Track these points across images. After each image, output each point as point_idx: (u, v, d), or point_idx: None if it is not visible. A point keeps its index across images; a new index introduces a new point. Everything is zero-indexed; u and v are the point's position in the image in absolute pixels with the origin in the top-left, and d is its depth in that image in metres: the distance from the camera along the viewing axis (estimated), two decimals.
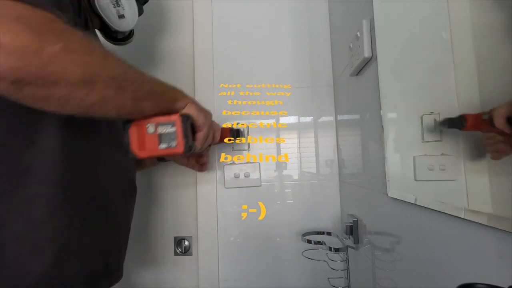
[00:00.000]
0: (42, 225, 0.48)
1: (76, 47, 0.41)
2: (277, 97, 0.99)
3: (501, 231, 0.31)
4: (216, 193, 0.98)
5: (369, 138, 0.67)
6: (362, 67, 0.68)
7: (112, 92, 0.46)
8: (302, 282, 0.94)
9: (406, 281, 0.53)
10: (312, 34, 1.00)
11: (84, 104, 0.43)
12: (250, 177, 0.98)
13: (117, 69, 0.47)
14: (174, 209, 1.02)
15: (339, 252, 0.79)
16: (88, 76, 0.42)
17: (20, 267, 0.47)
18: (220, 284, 0.96)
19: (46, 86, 0.39)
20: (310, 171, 0.98)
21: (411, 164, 0.50)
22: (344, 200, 0.94)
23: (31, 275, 0.47)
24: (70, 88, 0.40)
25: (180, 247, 1.01)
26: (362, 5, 0.67)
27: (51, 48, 0.37)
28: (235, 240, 0.97)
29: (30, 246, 0.48)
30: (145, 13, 0.77)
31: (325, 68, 0.99)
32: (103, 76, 0.44)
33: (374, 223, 0.68)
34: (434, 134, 0.44)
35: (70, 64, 0.40)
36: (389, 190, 0.56)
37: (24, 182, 0.48)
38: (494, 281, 0.24)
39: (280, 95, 0.99)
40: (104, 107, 0.46)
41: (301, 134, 0.99)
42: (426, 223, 0.46)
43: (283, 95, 0.99)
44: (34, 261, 0.48)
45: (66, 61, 0.39)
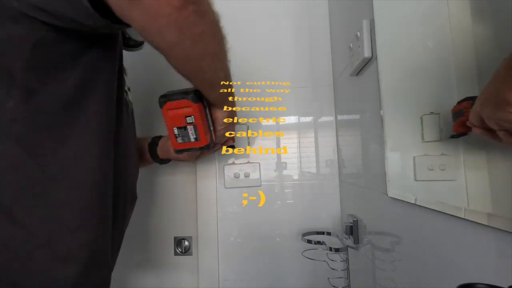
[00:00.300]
0: (75, 232, 0.48)
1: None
2: (277, 95, 0.99)
3: (501, 231, 0.31)
4: (216, 193, 0.98)
5: (369, 138, 0.67)
6: (362, 67, 0.68)
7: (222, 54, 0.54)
8: (302, 282, 0.94)
9: (406, 281, 0.53)
10: (312, 34, 1.00)
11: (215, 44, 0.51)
12: (250, 177, 0.98)
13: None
14: (174, 209, 1.02)
15: (339, 252, 0.79)
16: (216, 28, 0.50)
17: (49, 274, 0.46)
18: (220, 284, 0.96)
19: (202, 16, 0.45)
20: (310, 171, 0.98)
21: (411, 164, 0.50)
22: (344, 200, 0.94)
23: (61, 282, 0.47)
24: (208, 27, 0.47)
25: (180, 247, 1.01)
26: (362, 5, 0.67)
27: None
28: (235, 240, 0.97)
29: (60, 253, 0.47)
30: None
31: (325, 68, 0.99)
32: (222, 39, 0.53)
33: (374, 223, 0.68)
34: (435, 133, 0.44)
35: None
36: (389, 190, 0.56)
37: (56, 186, 0.47)
38: (494, 281, 0.24)
39: (280, 93, 0.99)
40: (211, 59, 0.52)
41: (301, 134, 0.99)
42: (426, 223, 0.46)
43: (282, 94, 0.99)
44: (64, 268, 0.47)
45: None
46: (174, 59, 0.48)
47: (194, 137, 0.61)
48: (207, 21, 0.46)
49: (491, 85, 0.31)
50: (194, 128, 0.60)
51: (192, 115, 0.59)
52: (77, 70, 0.48)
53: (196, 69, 0.51)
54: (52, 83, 0.46)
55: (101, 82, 0.51)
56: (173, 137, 0.61)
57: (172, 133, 0.61)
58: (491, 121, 0.31)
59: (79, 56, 0.48)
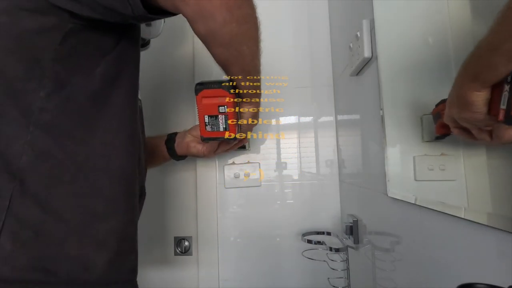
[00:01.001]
0: (104, 219, 0.49)
1: None
2: (277, 95, 0.99)
3: (501, 231, 0.31)
4: (216, 193, 0.98)
5: (369, 138, 0.67)
6: (362, 67, 0.68)
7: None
8: (302, 282, 0.94)
9: (406, 281, 0.53)
10: (312, 34, 1.00)
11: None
12: (250, 177, 0.98)
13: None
14: (174, 209, 1.02)
15: (339, 252, 0.79)
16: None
17: (81, 260, 0.47)
18: (220, 284, 0.96)
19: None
20: (310, 171, 0.98)
21: (411, 164, 0.50)
22: (344, 200, 0.94)
23: (94, 268, 0.48)
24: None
25: (180, 247, 1.01)
26: (362, 5, 0.67)
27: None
28: (235, 240, 0.97)
29: (91, 239, 0.48)
30: None
31: (325, 68, 0.99)
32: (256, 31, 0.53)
33: (374, 223, 0.68)
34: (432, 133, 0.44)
35: None
36: (389, 190, 0.56)
37: (85, 174, 0.48)
38: (494, 281, 0.24)
39: (279, 93, 0.99)
40: (246, 46, 0.53)
41: (301, 134, 0.99)
42: (426, 223, 0.46)
43: (282, 94, 0.99)
44: (95, 254, 0.48)
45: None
46: (219, 42, 0.49)
47: (224, 127, 0.63)
48: (250, 4, 0.49)
49: (453, 87, 0.33)
50: (225, 117, 0.62)
51: (225, 105, 0.61)
52: (104, 63, 0.49)
53: (237, 53, 0.52)
54: (80, 75, 0.48)
55: (125, 76, 0.53)
56: (203, 124, 0.63)
57: (202, 121, 0.63)
58: (462, 121, 0.32)
59: (106, 49, 0.50)
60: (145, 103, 0.75)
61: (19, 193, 0.44)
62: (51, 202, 0.46)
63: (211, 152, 0.80)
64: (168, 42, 1.05)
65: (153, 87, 1.02)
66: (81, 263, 0.47)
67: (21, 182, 0.44)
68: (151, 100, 0.97)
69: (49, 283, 0.44)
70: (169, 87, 1.05)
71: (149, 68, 1.03)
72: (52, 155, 0.46)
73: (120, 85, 0.51)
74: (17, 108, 0.45)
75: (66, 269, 0.46)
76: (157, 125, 1.00)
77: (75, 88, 0.47)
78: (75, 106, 0.48)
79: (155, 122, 1.01)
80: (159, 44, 1.06)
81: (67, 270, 0.46)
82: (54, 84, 0.46)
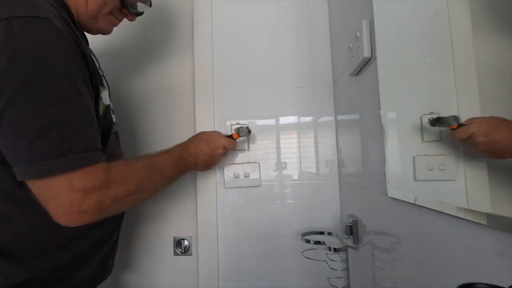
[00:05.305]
0: (112, 234, 0.72)
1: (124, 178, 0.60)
2: (277, 95, 0.99)
3: (500, 231, 0.31)
4: (216, 193, 0.98)
5: (369, 138, 0.67)
6: (361, 67, 0.68)
7: (151, 188, 0.67)
8: (302, 282, 0.94)
9: (406, 281, 0.53)
10: (312, 34, 1.00)
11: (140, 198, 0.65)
12: (250, 177, 0.98)
13: (148, 174, 0.65)
14: (174, 209, 1.02)
15: (338, 252, 0.79)
16: (137, 188, 0.62)
17: (97, 267, 0.69)
18: (219, 284, 0.96)
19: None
20: (310, 171, 0.98)
21: (410, 164, 0.50)
22: (344, 200, 0.94)
23: (107, 273, 0.73)
24: (129, 198, 0.61)
25: (180, 247, 1.01)
26: (362, 5, 0.67)
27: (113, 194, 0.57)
28: (235, 240, 0.97)
29: (107, 251, 0.71)
30: None
31: (325, 68, 0.99)
32: (146, 185, 0.65)
33: (373, 223, 0.68)
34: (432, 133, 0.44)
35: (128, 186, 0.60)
36: (389, 190, 0.56)
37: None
38: (494, 281, 0.24)
39: (279, 93, 0.99)
40: (146, 196, 0.66)
41: (301, 134, 0.99)
42: (425, 223, 0.46)
43: (282, 94, 0.99)
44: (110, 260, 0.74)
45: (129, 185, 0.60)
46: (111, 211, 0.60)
47: None
48: (123, 197, 0.59)
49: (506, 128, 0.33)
50: None
51: None
52: None
53: (137, 201, 0.64)
54: None
55: None
56: None
57: None
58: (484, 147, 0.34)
59: None
60: (147, 115, 0.75)
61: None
62: None
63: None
64: (166, 32, 1.05)
65: (153, 100, 1.02)
66: (95, 270, 0.69)
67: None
68: (151, 113, 0.97)
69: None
70: (170, 86, 1.05)
71: (146, 55, 1.03)
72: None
73: None
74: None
75: (83, 276, 0.66)
76: (158, 137, 1.01)
77: None
78: None
79: (156, 134, 1.01)
80: (155, 33, 1.06)
81: (84, 277, 0.66)
82: None
